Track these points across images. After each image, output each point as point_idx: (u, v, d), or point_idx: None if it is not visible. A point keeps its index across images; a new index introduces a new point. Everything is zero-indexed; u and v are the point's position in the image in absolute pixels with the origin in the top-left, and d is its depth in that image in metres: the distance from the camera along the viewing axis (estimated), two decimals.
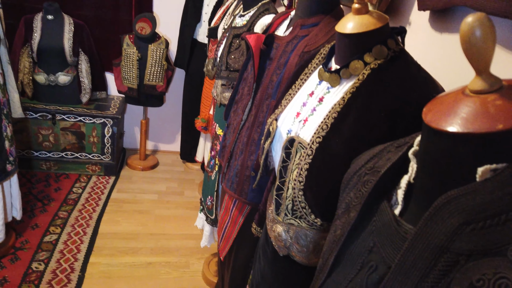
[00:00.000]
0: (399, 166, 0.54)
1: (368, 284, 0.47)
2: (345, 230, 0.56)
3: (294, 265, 0.96)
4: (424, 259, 0.42)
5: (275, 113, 1.01)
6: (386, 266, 0.47)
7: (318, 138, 0.84)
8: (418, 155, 0.50)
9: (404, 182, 0.50)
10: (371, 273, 0.48)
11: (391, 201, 0.53)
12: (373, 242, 0.50)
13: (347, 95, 0.83)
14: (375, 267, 0.48)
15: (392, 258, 0.46)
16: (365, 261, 0.50)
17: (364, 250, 0.51)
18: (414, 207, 0.49)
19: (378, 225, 0.51)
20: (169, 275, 2.30)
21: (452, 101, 0.45)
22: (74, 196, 2.88)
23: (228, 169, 1.45)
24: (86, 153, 3.19)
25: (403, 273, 0.43)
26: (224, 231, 1.53)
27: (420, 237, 0.43)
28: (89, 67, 3.13)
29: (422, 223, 0.43)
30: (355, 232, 0.54)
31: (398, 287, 0.43)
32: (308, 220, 0.87)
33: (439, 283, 0.40)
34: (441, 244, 0.41)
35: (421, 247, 0.42)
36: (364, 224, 0.53)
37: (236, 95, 1.52)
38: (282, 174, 0.92)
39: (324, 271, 0.55)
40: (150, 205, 2.97)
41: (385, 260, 0.47)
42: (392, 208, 0.51)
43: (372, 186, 0.53)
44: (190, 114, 3.35)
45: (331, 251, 0.58)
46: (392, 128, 0.77)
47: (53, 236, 2.42)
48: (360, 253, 0.51)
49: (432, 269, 0.41)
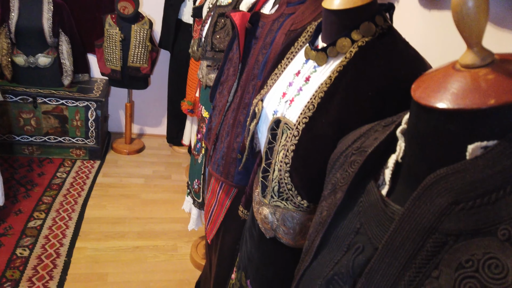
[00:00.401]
0: (387, 145, 0.52)
1: (355, 266, 0.46)
2: (331, 211, 0.54)
3: (281, 247, 0.95)
4: (411, 240, 0.40)
5: (261, 94, 0.98)
6: (373, 247, 0.46)
7: (304, 118, 0.82)
8: (406, 134, 0.48)
9: (391, 161, 0.49)
10: (357, 254, 0.47)
11: (378, 181, 0.51)
12: (359, 223, 0.49)
13: (334, 74, 0.81)
14: (361, 248, 0.47)
15: (379, 239, 0.45)
16: (351, 242, 0.49)
17: (351, 232, 0.50)
18: (401, 187, 0.48)
19: (365, 205, 0.49)
20: (157, 258, 2.29)
21: (442, 76, 0.43)
22: (59, 181, 2.83)
23: (214, 152, 1.42)
24: (70, 137, 3.12)
25: (390, 254, 0.41)
26: (211, 214, 1.51)
27: (407, 218, 0.41)
28: (70, 49, 3.03)
29: (409, 203, 0.41)
30: (342, 213, 0.52)
31: (385, 268, 0.42)
32: (294, 202, 0.86)
33: (427, 264, 0.39)
34: (429, 224, 0.40)
35: (408, 228, 0.41)
36: (351, 205, 0.52)
37: (222, 76, 1.48)
38: (268, 156, 0.90)
39: (310, 253, 0.54)
40: (137, 189, 2.94)
41: (372, 241, 0.46)
42: (379, 188, 0.50)
43: (358, 166, 0.51)
44: (176, 96, 3.29)
45: (317, 233, 0.56)
46: (380, 107, 0.75)
47: (37, 222, 2.38)
48: (346, 234, 0.50)
49: (420, 250, 0.40)
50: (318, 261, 0.52)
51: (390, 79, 0.76)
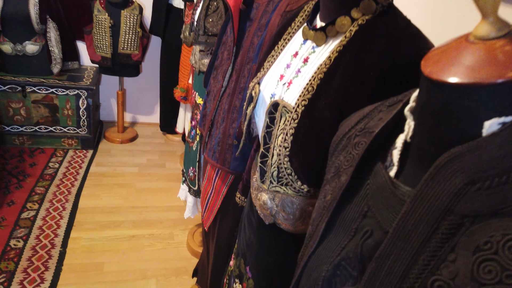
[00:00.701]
0: (393, 125, 0.50)
1: (363, 251, 0.44)
2: (336, 195, 0.52)
3: (280, 233, 0.94)
4: (425, 222, 0.38)
5: (257, 77, 0.95)
6: (383, 231, 0.44)
7: (303, 101, 0.79)
8: (415, 112, 0.46)
9: (400, 141, 0.47)
10: (366, 239, 0.45)
11: (385, 162, 0.49)
12: (367, 207, 0.47)
13: (333, 54, 0.78)
14: (370, 232, 0.45)
15: (389, 223, 0.43)
16: (359, 226, 0.47)
17: (358, 216, 0.48)
18: (411, 168, 0.46)
19: (373, 188, 0.47)
20: (153, 247, 2.28)
21: (455, 49, 0.41)
22: (51, 171, 2.79)
23: (210, 138, 1.40)
24: (61, 127, 3.07)
25: (402, 238, 0.40)
26: (207, 201, 1.49)
27: (420, 199, 0.39)
28: (58, 36, 2.95)
29: (422, 184, 0.39)
30: (347, 197, 0.50)
31: (397, 252, 0.40)
32: (294, 187, 0.84)
33: (442, 248, 0.37)
34: (444, 206, 0.38)
35: (421, 210, 0.39)
36: (357, 188, 0.50)
37: (216, 60, 1.45)
38: (266, 140, 0.88)
39: (315, 238, 0.52)
40: (131, 178, 2.91)
41: (381, 225, 0.44)
42: (387, 169, 0.48)
43: (365, 147, 0.49)
44: (168, 83, 3.24)
45: (321, 218, 0.54)
46: (381, 87, 0.73)
47: (30, 213, 2.35)
48: (353, 218, 0.48)
49: (434, 233, 0.38)
50: (324, 246, 0.50)
51: (392, 58, 0.73)
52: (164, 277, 2.07)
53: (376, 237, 0.44)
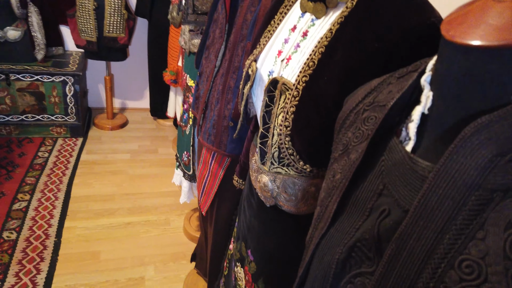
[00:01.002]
0: (408, 97, 0.47)
1: (381, 231, 0.42)
2: (346, 173, 0.49)
3: (282, 214, 0.91)
4: (450, 198, 0.36)
5: (254, 54, 0.91)
6: (401, 209, 0.41)
7: (304, 77, 0.75)
8: (433, 81, 0.43)
9: (417, 114, 0.43)
10: (383, 218, 0.42)
11: (400, 137, 0.46)
12: (382, 185, 0.44)
13: (334, 26, 0.74)
14: (387, 211, 0.42)
15: (408, 201, 0.40)
16: (374, 206, 0.44)
17: (373, 194, 0.45)
18: (429, 142, 0.43)
19: (388, 164, 0.44)
20: (150, 233, 2.26)
21: (479, 10, 0.37)
22: (41, 161, 2.72)
23: (204, 121, 1.36)
24: (49, 115, 2.99)
25: (425, 216, 0.37)
26: (204, 185, 1.46)
27: (443, 174, 0.36)
28: (40, 20, 2.84)
29: (445, 157, 0.36)
30: (359, 175, 0.47)
31: (420, 232, 0.37)
32: (296, 167, 0.81)
33: (470, 225, 0.34)
34: (470, 180, 0.35)
35: (445, 186, 0.36)
36: (370, 166, 0.47)
37: (207, 39, 1.39)
38: (265, 120, 0.84)
39: (326, 219, 0.49)
40: (123, 165, 2.86)
41: (400, 203, 0.41)
42: (403, 144, 0.45)
43: (378, 122, 0.46)
44: (157, 67, 3.16)
45: (331, 198, 0.51)
46: (387, 60, 0.69)
47: (22, 204, 2.30)
48: (367, 197, 0.45)
49: (460, 210, 0.35)
50: (336, 228, 0.48)
51: (397, 28, 0.69)
52: (162, 263, 2.05)
53: (394, 217, 0.41)
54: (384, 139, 0.47)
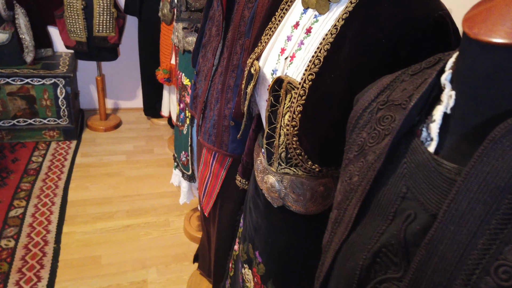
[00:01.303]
0: (427, 96, 0.46)
1: (407, 236, 0.41)
2: (365, 176, 0.48)
3: (290, 215, 0.90)
4: (482, 202, 0.35)
5: (255, 52, 0.89)
6: (428, 213, 0.40)
7: (310, 75, 0.74)
8: (455, 80, 0.42)
9: (438, 114, 0.42)
10: (409, 223, 0.41)
11: (421, 137, 0.45)
12: (406, 188, 0.43)
13: (339, 22, 0.73)
14: (413, 215, 0.41)
15: (436, 205, 0.39)
16: (398, 210, 0.43)
17: (396, 198, 0.44)
18: (453, 143, 0.41)
19: (411, 167, 0.43)
20: (150, 235, 2.24)
21: (504, 6, 0.36)
22: (35, 166, 2.68)
23: (204, 121, 1.34)
24: (41, 118, 2.94)
25: (456, 220, 0.36)
26: (205, 186, 1.45)
27: (474, 177, 0.35)
28: (28, 22, 2.78)
29: (475, 160, 0.35)
30: (379, 177, 0.46)
31: (451, 237, 0.36)
32: (305, 167, 0.80)
33: (505, 229, 0.33)
34: (503, 182, 0.34)
35: (476, 189, 0.35)
36: (390, 168, 0.46)
37: (203, 37, 1.37)
38: (271, 120, 0.83)
39: (346, 224, 0.48)
40: (119, 167, 2.83)
41: (426, 207, 0.40)
42: (425, 145, 0.43)
43: (400, 123, 0.45)
44: (149, 65, 3.12)
45: (349, 201, 0.50)
46: (394, 54, 0.68)
47: (18, 210, 2.26)
48: (390, 201, 0.44)
49: (493, 213, 0.34)
50: (358, 232, 0.46)
51: (403, 21, 0.68)
52: (164, 265, 2.03)
53: (421, 221, 0.40)
54: (403, 140, 0.46)
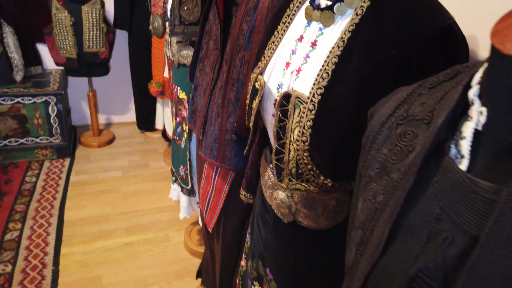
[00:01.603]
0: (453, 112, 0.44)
1: (446, 259, 0.39)
2: (392, 195, 0.46)
3: (302, 230, 0.88)
4: None
5: (259, 67, 0.88)
6: (467, 236, 0.38)
7: (319, 89, 0.72)
8: (485, 96, 0.40)
9: (469, 131, 0.41)
10: (447, 245, 0.39)
11: (449, 154, 0.43)
12: (439, 208, 0.41)
13: (346, 34, 0.71)
14: (451, 238, 0.39)
15: (475, 226, 0.38)
16: (432, 231, 0.41)
17: (429, 219, 0.42)
18: (485, 160, 0.40)
19: (444, 186, 0.42)
20: (150, 252, 2.20)
21: None
22: (29, 186, 2.62)
23: (204, 136, 1.31)
24: (33, 137, 2.88)
25: (501, 243, 0.34)
26: (208, 201, 1.42)
27: None
28: (16, 40, 2.74)
29: None
30: (408, 197, 0.45)
31: (496, 261, 0.34)
32: (317, 182, 0.78)
33: None
34: None
35: None
36: (421, 187, 0.44)
37: (200, 52, 1.35)
38: (279, 136, 0.81)
39: (375, 246, 0.46)
40: (115, 183, 2.78)
41: (464, 229, 0.39)
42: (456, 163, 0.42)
43: (429, 140, 0.43)
44: (141, 79, 3.09)
45: (375, 221, 0.48)
46: (406, 65, 0.67)
47: (14, 233, 2.21)
48: (423, 222, 0.42)
49: None
50: (389, 255, 0.45)
51: (413, 31, 0.67)
52: (166, 282, 1.99)
53: (461, 244, 0.38)
54: (432, 157, 0.44)
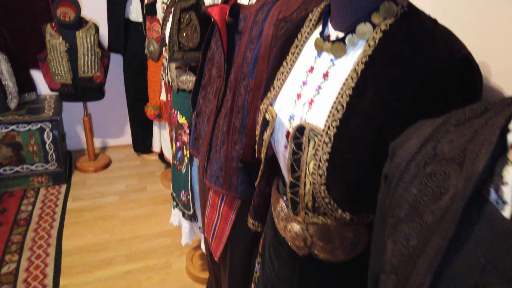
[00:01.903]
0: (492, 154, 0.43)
1: None
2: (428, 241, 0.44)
3: (318, 264, 0.86)
4: None
5: (268, 98, 0.86)
6: None
7: (334, 121, 0.71)
8: None
9: (511, 176, 0.39)
10: None
11: (489, 198, 0.42)
12: (484, 258, 0.40)
13: (359, 66, 0.71)
14: None
15: None
16: (479, 283, 0.40)
17: (474, 269, 0.40)
18: None
19: (488, 235, 0.40)
20: (152, 280, 2.14)
21: None
22: (25, 215, 2.56)
23: (209, 163, 1.29)
24: (28, 165, 2.83)
25: None
26: (214, 230, 1.39)
27: None
28: (10, 67, 2.72)
29: None
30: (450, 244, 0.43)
31: None
32: (335, 216, 0.76)
33: None
34: None
35: None
36: (461, 234, 0.42)
37: (202, 79, 1.34)
38: (294, 168, 0.79)
39: None
40: (113, 208, 2.73)
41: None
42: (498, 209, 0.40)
43: (469, 187, 0.42)
44: (136, 101, 3.08)
45: (411, 268, 0.46)
46: (422, 96, 0.66)
47: (11, 266, 2.14)
48: (468, 273, 0.41)
49: None
50: None
51: (429, 62, 0.66)
52: None
53: None
54: (472, 202, 0.43)
